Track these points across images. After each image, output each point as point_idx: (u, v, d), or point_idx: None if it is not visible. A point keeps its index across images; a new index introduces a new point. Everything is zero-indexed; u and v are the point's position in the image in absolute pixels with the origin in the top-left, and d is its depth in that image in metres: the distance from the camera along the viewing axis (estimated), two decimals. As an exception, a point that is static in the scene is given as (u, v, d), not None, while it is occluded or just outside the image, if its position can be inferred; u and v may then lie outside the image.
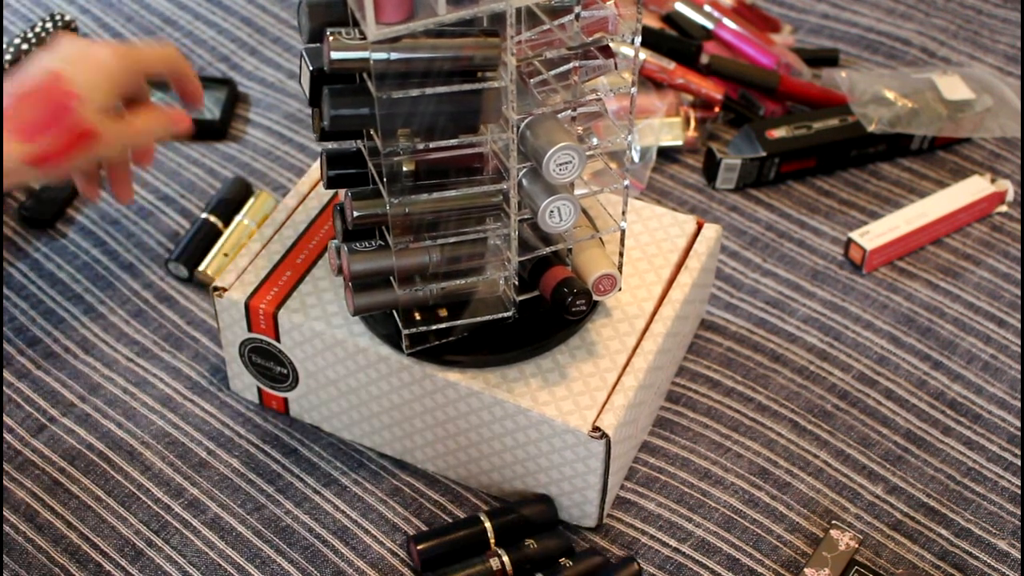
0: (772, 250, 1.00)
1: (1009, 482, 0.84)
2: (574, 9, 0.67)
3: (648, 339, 0.80)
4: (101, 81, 0.73)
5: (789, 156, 1.04)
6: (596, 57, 0.69)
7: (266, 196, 1.00)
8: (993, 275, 0.98)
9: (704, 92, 1.09)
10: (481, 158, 0.72)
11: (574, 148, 0.67)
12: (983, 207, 1.02)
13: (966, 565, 0.80)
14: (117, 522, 0.81)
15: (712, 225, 0.88)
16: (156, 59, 0.78)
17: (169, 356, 0.91)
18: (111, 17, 1.22)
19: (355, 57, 0.65)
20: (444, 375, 0.77)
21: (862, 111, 1.05)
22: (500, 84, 0.67)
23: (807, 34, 1.22)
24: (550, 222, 0.70)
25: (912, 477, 0.84)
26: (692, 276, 0.84)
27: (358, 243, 0.75)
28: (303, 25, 0.69)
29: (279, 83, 1.15)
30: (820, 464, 0.85)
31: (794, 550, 0.80)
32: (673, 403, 0.88)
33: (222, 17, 1.22)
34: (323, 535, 0.80)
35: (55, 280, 0.96)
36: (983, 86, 1.09)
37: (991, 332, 0.94)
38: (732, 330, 0.94)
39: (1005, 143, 1.09)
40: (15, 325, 0.93)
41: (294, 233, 0.86)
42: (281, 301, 0.81)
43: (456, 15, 0.63)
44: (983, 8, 1.25)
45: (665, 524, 0.81)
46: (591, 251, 0.77)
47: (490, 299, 0.78)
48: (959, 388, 0.90)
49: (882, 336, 0.93)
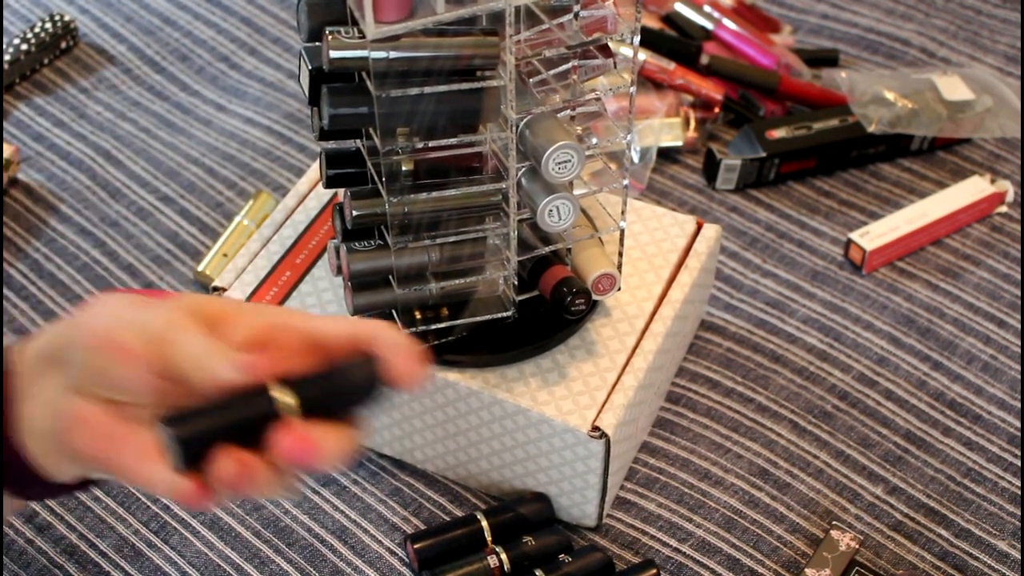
0: (772, 251, 1.00)
1: (1009, 483, 0.84)
2: (573, 8, 0.67)
3: (648, 339, 0.80)
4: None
5: (789, 156, 1.04)
6: (595, 57, 0.69)
7: (266, 196, 1.00)
8: (993, 276, 0.98)
9: (704, 92, 1.09)
10: (480, 157, 0.72)
11: (573, 147, 0.67)
12: (983, 207, 1.02)
13: (966, 566, 0.79)
14: (116, 522, 0.81)
15: (712, 225, 0.87)
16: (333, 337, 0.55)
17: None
18: (111, 17, 1.22)
19: (354, 56, 0.65)
20: (443, 375, 0.77)
21: (862, 111, 1.05)
22: (499, 83, 0.67)
23: (807, 34, 1.22)
24: (549, 221, 0.70)
25: (912, 478, 0.84)
26: (692, 276, 0.84)
27: (357, 243, 0.75)
28: (302, 24, 0.69)
29: (279, 83, 1.15)
30: (820, 465, 0.85)
31: (794, 551, 0.80)
32: (673, 403, 0.88)
33: (222, 17, 1.22)
34: (322, 535, 0.80)
35: (55, 281, 0.96)
36: (983, 86, 1.09)
37: (991, 333, 0.94)
38: (732, 331, 0.93)
39: (1005, 143, 1.09)
40: (15, 327, 0.93)
41: (293, 233, 0.86)
42: (280, 301, 0.81)
43: (455, 14, 0.63)
44: (983, 8, 1.25)
45: (665, 524, 0.81)
46: (590, 251, 0.76)
47: (489, 299, 0.78)
48: (959, 389, 0.90)
49: (882, 337, 0.93)
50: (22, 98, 1.13)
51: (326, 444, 0.52)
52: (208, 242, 0.99)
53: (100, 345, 0.53)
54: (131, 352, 0.52)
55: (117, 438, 0.53)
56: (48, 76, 1.15)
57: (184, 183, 1.05)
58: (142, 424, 0.53)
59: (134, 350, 0.53)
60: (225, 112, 1.12)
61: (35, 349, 0.57)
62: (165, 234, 1.00)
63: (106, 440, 0.53)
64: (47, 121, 1.10)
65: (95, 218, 1.01)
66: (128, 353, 0.52)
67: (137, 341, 0.53)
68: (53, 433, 0.55)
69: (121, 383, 0.53)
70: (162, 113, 1.12)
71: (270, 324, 0.55)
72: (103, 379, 0.53)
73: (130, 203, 1.03)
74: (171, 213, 1.02)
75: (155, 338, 0.52)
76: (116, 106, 1.12)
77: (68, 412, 0.54)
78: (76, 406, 0.54)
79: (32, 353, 0.57)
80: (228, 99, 1.13)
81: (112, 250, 0.99)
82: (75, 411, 0.54)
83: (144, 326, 0.53)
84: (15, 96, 1.13)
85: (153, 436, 0.52)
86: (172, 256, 0.98)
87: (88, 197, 1.03)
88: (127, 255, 0.98)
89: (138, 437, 0.53)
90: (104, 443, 0.53)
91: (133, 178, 1.05)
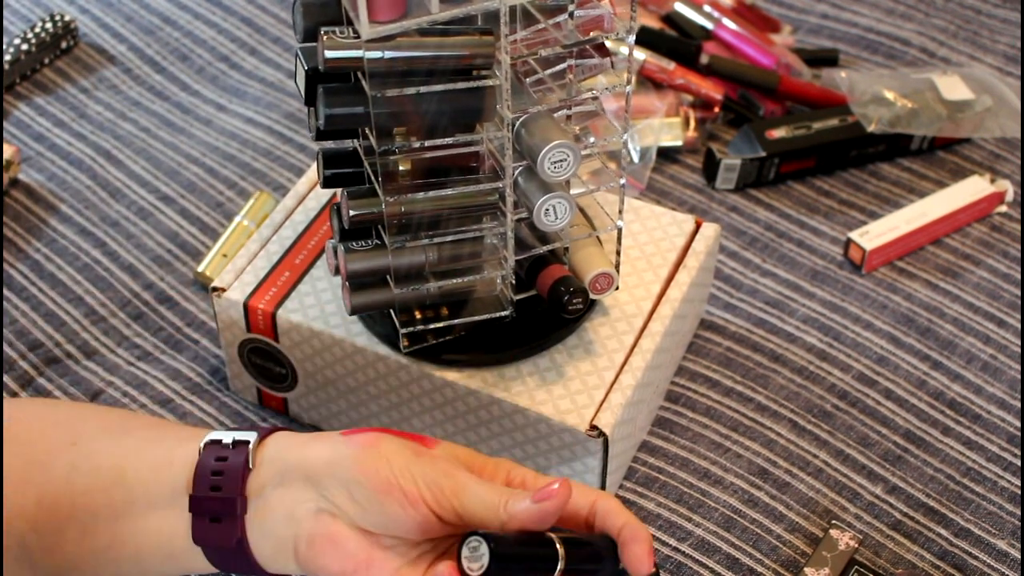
0: (772, 250, 1.00)
1: (1008, 482, 0.84)
2: (568, 8, 0.67)
3: (646, 338, 0.80)
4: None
5: (789, 156, 1.04)
6: (591, 56, 0.69)
7: (266, 196, 1.00)
8: (993, 275, 0.98)
9: (704, 92, 1.09)
10: (477, 157, 0.72)
11: (569, 146, 0.67)
12: (983, 207, 1.02)
13: (965, 565, 0.79)
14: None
15: (710, 224, 0.87)
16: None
17: (169, 358, 0.91)
18: (111, 17, 1.22)
19: (349, 56, 0.65)
20: (442, 374, 0.77)
21: (862, 111, 1.05)
22: (495, 83, 0.67)
23: (807, 34, 1.21)
24: (545, 220, 0.70)
25: (912, 477, 0.84)
26: (690, 275, 0.84)
27: (355, 242, 0.75)
28: (297, 24, 0.69)
29: (279, 83, 1.15)
30: (820, 464, 0.85)
31: (794, 550, 0.80)
32: (672, 403, 0.88)
33: (222, 17, 1.22)
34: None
35: (56, 281, 0.96)
36: (983, 86, 1.08)
37: (991, 332, 0.94)
38: (732, 330, 0.93)
39: (1005, 143, 1.09)
40: (16, 328, 0.93)
41: (293, 233, 0.86)
42: (280, 301, 0.81)
43: (449, 13, 0.63)
44: (983, 8, 1.25)
45: (665, 524, 0.81)
46: (588, 250, 0.76)
47: (487, 298, 0.78)
48: (959, 388, 0.90)
49: (881, 336, 0.93)
50: (22, 98, 1.13)
51: None
52: (208, 242, 1.00)
53: (385, 491, 0.59)
54: (416, 499, 0.59)
55: (372, 561, 0.60)
56: (48, 76, 1.15)
57: (184, 183, 1.05)
58: (388, 551, 0.60)
59: (419, 497, 0.59)
60: (225, 112, 1.12)
61: (282, 459, 0.62)
62: (166, 234, 1.00)
63: (358, 561, 0.60)
64: (47, 121, 1.11)
65: (95, 218, 1.02)
66: (414, 500, 0.59)
67: (423, 490, 0.59)
68: (294, 543, 0.61)
69: (397, 523, 0.59)
70: (162, 113, 1.12)
71: (520, 480, 0.63)
72: (381, 520, 0.60)
73: (130, 203, 1.03)
74: (171, 213, 1.02)
75: (434, 484, 0.59)
76: (116, 106, 1.12)
77: (322, 532, 0.60)
78: (332, 528, 0.60)
79: (276, 458, 0.63)
80: (228, 99, 1.13)
81: (113, 250, 0.99)
82: (331, 532, 0.60)
83: (424, 475, 0.60)
84: (15, 96, 1.13)
85: (399, 557, 0.60)
86: (173, 256, 0.99)
87: (88, 197, 1.03)
88: (127, 255, 0.99)
89: (388, 561, 0.60)
90: (353, 565, 0.60)
91: (133, 178, 1.05)
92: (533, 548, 0.59)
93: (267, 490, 0.62)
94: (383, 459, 0.60)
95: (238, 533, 0.62)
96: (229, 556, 0.63)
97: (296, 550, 0.61)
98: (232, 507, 0.61)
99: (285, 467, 0.62)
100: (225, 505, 0.62)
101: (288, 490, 0.61)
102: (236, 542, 0.62)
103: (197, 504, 0.62)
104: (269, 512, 0.62)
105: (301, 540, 0.61)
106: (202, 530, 0.62)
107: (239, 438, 0.63)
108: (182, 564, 0.64)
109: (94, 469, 0.63)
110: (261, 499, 0.62)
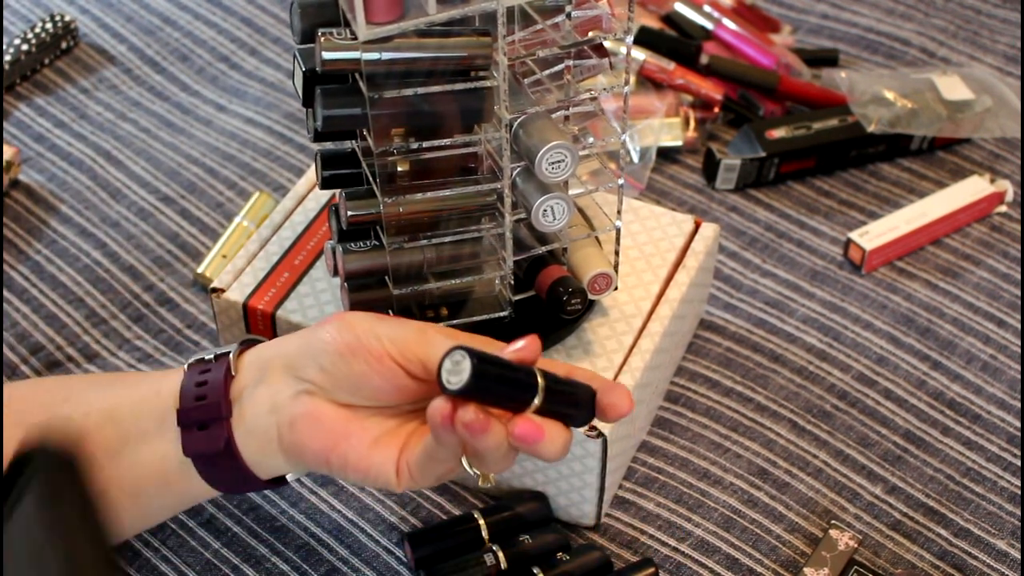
0: (771, 250, 1.00)
1: (1008, 482, 0.84)
2: (566, 8, 0.67)
3: (645, 338, 0.80)
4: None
5: (789, 156, 1.04)
6: (589, 56, 0.69)
7: (265, 197, 1.00)
8: (992, 275, 0.98)
9: (704, 92, 1.09)
10: (475, 158, 0.72)
11: (566, 147, 0.67)
12: (982, 207, 1.02)
13: (965, 565, 0.79)
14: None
15: (710, 224, 0.87)
16: None
17: (170, 360, 0.91)
18: (111, 17, 1.22)
19: (346, 57, 0.66)
20: (440, 375, 0.77)
21: (862, 111, 1.05)
22: (492, 83, 0.67)
23: (807, 34, 1.21)
24: (544, 221, 0.70)
25: (911, 477, 0.84)
26: (690, 275, 0.84)
27: (353, 243, 0.75)
28: (295, 26, 0.69)
29: (279, 83, 1.15)
30: (819, 464, 0.85)
31: (793, 550, 0.80)
32: (672, 403, 0.88)
33: (222, 17, 1.23)
34: (319, 534, 0.80)
35: (57, 283, 0.96)
36: (983, 86, 1.08)
37: (990, 332, 0.94)
38: (731, 330, 0.93)
39: (1005, 143, 1.09)
40: (17, 331, 0.93)
41: (292, 234, 0.86)
42: (279, 302, 0.81)
43: (447, 14, 0.63)
44: (983, 8, 1.25)
45: (664, 524, 0.81)
46: (587, 250, 0.76)
47: (486, 299, 0.78)
48: (958, 388, 0.90)
49: (881, 336, 0.93)
50: (22, 98, 1.13)
51: (551, 437, 0.60)
52: (209, 242, 1.00)
53: (351, 352, 0.61)
54: (380, 354, 0.60)
55: (350, 432, 0.61)
56: (48, 76, 1.15)
57: (184, 183, 1.05)
58: (369, 419, 0.62)
59: (383, 352, 0.60)
60: (225, 112, 1.12)
61: (260, 358, 0.65)
62: (166, 235, 1.00)
63: (337, 435, 0.61)
64: (47, 121, 1.11)
65: (96, 219, 1.02)
66: (378, 355, 0.60)
67: (387, 344, 0.61)
68: (277, 431, 0.62)
69: (369, 384, 0.61)
70: (162, 113, 1.12)
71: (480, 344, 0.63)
72: (350, 382, 0.61)
73: (131, 204, 1.03)
74: (172, 213, 1.02)
75: (399, 339, 0.61)
76: (116, 106, 1.13)
77: (301, 412, 0.62)
78: (310, 406, 0.62)
79: (255, 360, 0.65)
80: (228, 99, 1.14)
81: (113, 251, 0.99)
82: (309, 411, 0.62)
83: (388, 332, 0.61)
84: (15, 96, 1.13)
85: (377, 426, 0.62)
86: (173, 257, 0.99)
87: (89, 198, 1.04)
88: (128, 256, 0.99)
89: (367, 431, 0.62)
90: (333, 439, 0.61)
91: (133, 178, 1.05)
92: (515, 373, 0.59)
93: (248, 390, 0.64)
94: (347, 326, 0.62)
95: (225, 434, 0.63)
96: (220, 465, 0.64)
97: (280, 439, 0.63)
98: (217, 411, 0.63)
99: (264, 364, 0.64)
100: (210, 411, 0.63)
101: (269, 385, 0.63)
102: (224, 443, 0.63)
103: (184, 415, 0.64)
104: (253, 408, 0.63)
105: (284, 426, 0.62)
106: (191, 440, 0.64)
107: (220, 352, 0.66)
108: (177, 489, 0.66)
109: (86, 415, 0.65)
110: (244, 399, 0.64)
